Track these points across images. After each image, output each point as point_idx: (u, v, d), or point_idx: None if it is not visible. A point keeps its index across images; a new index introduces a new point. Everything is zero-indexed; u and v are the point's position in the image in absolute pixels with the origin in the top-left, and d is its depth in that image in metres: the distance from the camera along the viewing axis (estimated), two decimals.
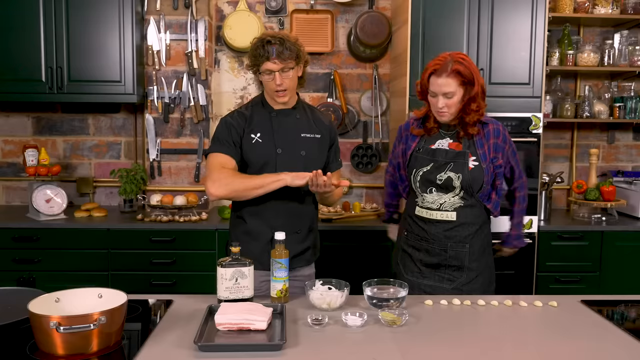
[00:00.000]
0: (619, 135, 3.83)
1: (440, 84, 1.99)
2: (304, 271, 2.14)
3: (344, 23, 3.65)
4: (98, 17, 3.22)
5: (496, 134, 2.12)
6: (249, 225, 2.08)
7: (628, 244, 3.21)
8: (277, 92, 2.01)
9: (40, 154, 3.35)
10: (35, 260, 3.07)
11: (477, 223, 2.11)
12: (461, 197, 2.07)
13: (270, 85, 2.01)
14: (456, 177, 2.04)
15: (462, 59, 2.01)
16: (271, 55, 1.95)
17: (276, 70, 1.97)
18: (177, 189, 3.45)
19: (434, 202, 2.09)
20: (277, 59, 1.95)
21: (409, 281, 2.08)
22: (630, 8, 3.38)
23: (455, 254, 2.09)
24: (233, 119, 2.07)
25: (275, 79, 1.98)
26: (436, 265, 2.11)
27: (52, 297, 1.51)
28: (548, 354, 1.46)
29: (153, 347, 1.46)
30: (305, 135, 2.08)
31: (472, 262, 2.10)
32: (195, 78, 3.42)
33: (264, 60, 1.96)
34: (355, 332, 1.58)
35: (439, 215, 2.09)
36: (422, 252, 2.13)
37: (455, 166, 2.05)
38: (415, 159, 2.13)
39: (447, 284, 2.10)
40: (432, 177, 2.07)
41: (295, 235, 2.08)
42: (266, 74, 1.99)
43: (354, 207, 3.44)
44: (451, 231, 2.08)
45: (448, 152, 2.08)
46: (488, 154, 2.08)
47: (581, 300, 1.88)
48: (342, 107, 3.62)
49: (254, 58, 2.00)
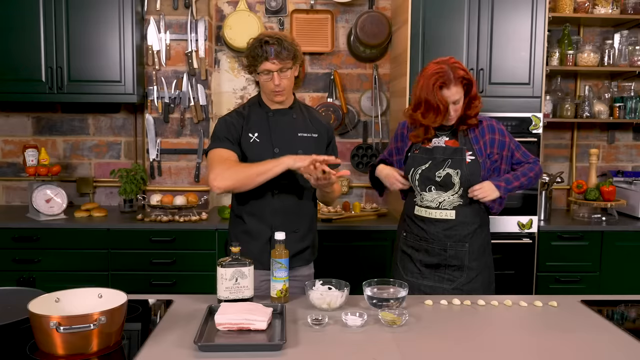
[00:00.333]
0: (619, 135, 3.83)
1: (450, 95, 2.00)
2: (303, 271, 2.14)
3: (344, 23, 3.65)
4: (98, 17, 3.22)
5: (491, 129, 2.15)
6: (247, 224, 2.08)
7: (628, 244, 3.21)
8: (275, 92, 2.02)
9: (40, 154, 3.35)
10: (35, 260, 3.07)
11: (476, 222, 2.12)
12: (460, 196, 2.08)
13: (269, 85, 2.01)
14: (455, 173, 2.05)
15: (456, 63, 2.03)
16: (270, 55, 1.95)
17: (275, 70, 1.97)
18: (177, 189, 3.45)
19: (433, 201, 2.10)
20: (276, 59, 1.96)
21: (408, 282, 2.08)
22: (630, 8, 3.38)
23: (455, 253, 2.09)
24: (232, 117, 2.08)
25: (273, 79, 1.98)
26: (436, 266, 2.11)
27: (52, 297, 1.51)
28: (548, 354, 1.46)
29: (153, 347, 1.46)
30: (302, 134, 2.09)
31: (472, 262, 2.10)
32: (195, 78, 3.42)
33: (263, 60, 1.96)
34: (355, 332, 1.58)
35: (438, 214, 2.09)
36: (421, 253, 2.14)
37: (453, 162, 2.07)
38: (413, 158, 2.15)
39: (447, 284, 2.10)
40: (431, 175, 2.08)
41: (294, 235, 2.07)
42: (264, 74, 1.99)
43: (354, 207, 3.44)
44: (450, 230, 2.09)
45: (446, 149, 2.09)
46: (484, 149, 2.11)
47: (581, 300, 1.88)
48: (342, 107, 3.62)
49: (252, 58, 2.00)
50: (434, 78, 1.99)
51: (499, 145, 2.15)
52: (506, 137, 2.18)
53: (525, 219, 3.15)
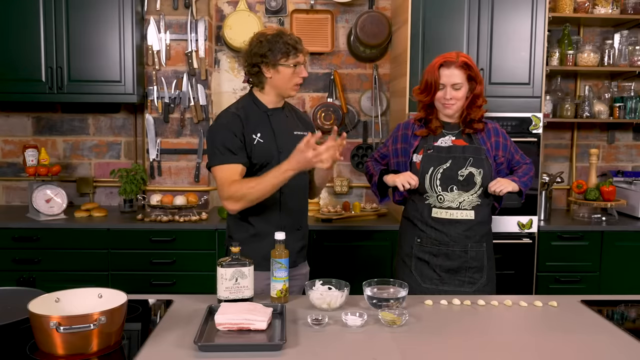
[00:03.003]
0: (619, 135, 3.83)
1: (449, 75, 2.05)
2: (302, 269, 2.14)
3: (344, 23, 3.65)
4: (98, 17, 3.22)
5: (496, 132, 2.17)
6: (256, 227, 2.05)
7: (628, 244, 3.21)
8: (297, 86, 2.05)
9: (40, 154, 3.35)
10: (35, 260, 3.07)
11: (490, 222, 2.15)
12: (478, 195, 2.08)
13: (295, 79, 2.02)
14: (477, 172, 2.05)
15: (467, 56, 2.10)
16: (302, 48, 2.00)
17: (303, 63, 2.02)
18: (177, 189, 3.45)
19: (453, 201, 2.07)
20: (302, 52, 2.01)
21: (427, 290, 2.07)
22: (630, 8, 3.38)
23: (476, 254, 2.08)
24: (228, 123, 2.02)
25: (301, 71, 2.02)
26: (456, 269, 2.09)
27: (52, 297, 1.51)
28: (548, 354, 1.46)
29: (153, 347, 1.46)
30: (297, 133, 2.09)
31: (489, 261, 2.11)
32: (195, 78, 3.42)
33: (298, 52, 1.99)
34: (355, 332, 1.58)
35: (459, 214, 2.07)
36: (440, 257, 2.09)
37: (475, 161, 2.06)
38: (429, 157, 2.09)
39: (467, 287, 2.08)
40: (453, 174, 2.05)
41: (297, 232, 2.08)
42: (291, 67, 1.99)
43: (354, 207, 3.44)
44: (470, 230, 2.08)
45: (465, 148, 2.09)
46: (491, 150, 2.12)
47: (581, 300, 1.88)
48: (342, 107, 3.62)
49: (280, 53, 1.96)
50: (438, 58, 2.10)
51: (504, 148, 2.16)
52: (508, 140, 2.19)
53: (525, 219, 3.15)
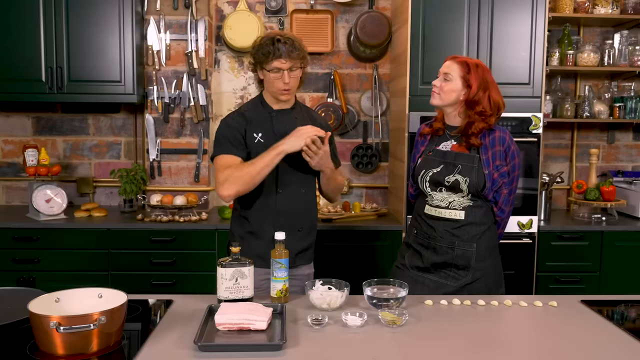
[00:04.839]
0: (619, 135, 3.83)
1: (447, 65, 2.10)
2: (303, 270, 2.14)
3: (344, 23, 3.65)
4: (98, 17, 3.22)
5: (502, 141, 2.09)
6: (252, 224, 2.09)
7: (628, 244, 3.21)
8: (283, 91, 2.03)
9: (40, 154, 3.35)
10: (35, 260, 3.07)
11: (486, 223, 2.11)
12: (469, 199, 2.08)
13: (277, 84, 2.02)
14: (463, 181, 2.04)
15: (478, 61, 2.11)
16: (282, 53, 1.97)
17: (285, 68, 1.99)
18: (177, 189, 3.45)
19: (443, 200, 2.10)
20: (287, 58, 1.98)
21: (414, 275, 2.10)
22: (630, 8, 3.38)
23: (462, 253, 2.08)
24: (233, 119, 2.09)
25: (283, 77, 1.99)
26: (442, 265, 2.10)
27: (52, 297, 1.51)
28: (548, 354, 1.46)
29: (153, 347, 1.46)
30: None
31: (479, 263, 2.09)
32: (195, 78, 3.42)
33: (275, 58, 1.98)
34: (355, 332, 1.58)
35: (447, 213, 2.08)
36: (429, 250, 2.13)
37: (463, 169, 2.05)
38: (426, 160, 2.15)
39: (451, 281, 2.09)
40: (441, 179, 2.07)
41: (298, 233, 2.09)
42: (274, 72, 2.00)
43: (354, 207, 3.44)
44: (458, 230, 2.08)
45: (457, 155, 2.08)
46: (492, 160, 2.07)
47: (581, 300, 1.88)
48: (342, 107, 3.62)
49: (262, 56, 2.00)
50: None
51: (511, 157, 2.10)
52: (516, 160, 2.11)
53: (525, 219, 3.15)
